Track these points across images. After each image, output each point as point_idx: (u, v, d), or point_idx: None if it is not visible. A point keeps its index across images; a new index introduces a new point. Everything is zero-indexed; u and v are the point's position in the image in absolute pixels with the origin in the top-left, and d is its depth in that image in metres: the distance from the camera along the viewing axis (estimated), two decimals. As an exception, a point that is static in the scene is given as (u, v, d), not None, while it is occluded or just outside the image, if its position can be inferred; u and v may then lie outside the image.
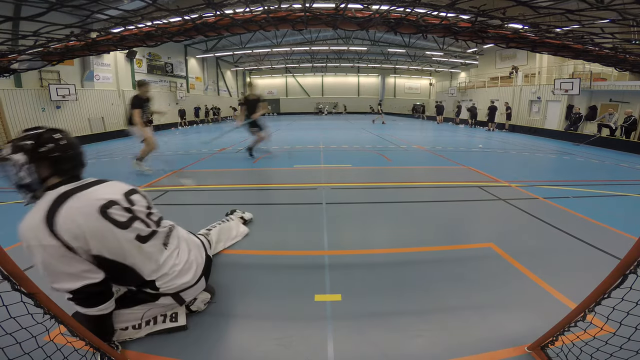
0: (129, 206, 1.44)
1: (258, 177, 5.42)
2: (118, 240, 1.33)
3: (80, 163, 1.42)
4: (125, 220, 1.38)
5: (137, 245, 1.40)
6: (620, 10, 0.88)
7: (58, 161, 1.31)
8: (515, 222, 3.20)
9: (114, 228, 1.32)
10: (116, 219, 1.34)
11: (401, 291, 2.00)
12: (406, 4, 1.02)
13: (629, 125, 9.47)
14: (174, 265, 1.57)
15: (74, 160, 1.39)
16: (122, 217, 1.38)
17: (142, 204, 1.53)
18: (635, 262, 1.02)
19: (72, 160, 1.37)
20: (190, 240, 1.83)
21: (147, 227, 1.48)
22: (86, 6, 0.94)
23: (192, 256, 1.70)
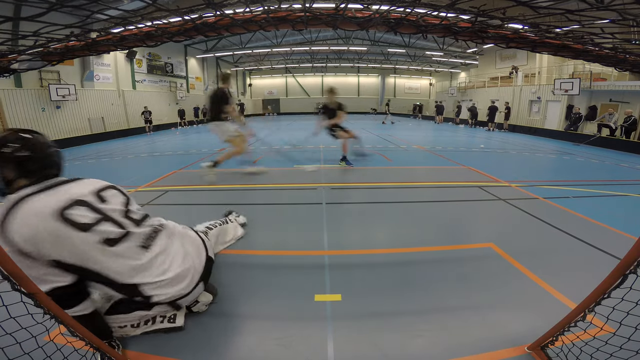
0: (99, 205, 1.36)
1: (258, 177, 5.41)
2: (75, 245, 1.23)
3: (50, 164, 1.35)
4: (87, 222, 1.28)
5: (102, 248, 1.29)
6: (620, 11, 0.88)
7: (23, 163, 1.26)
8: (516, 222, 3.20)
9: (71, 231, 1.23)
10: (76, 221, 1.25)
11: (401, 291, 2.00)
12: (406, 4, 1.02)
13: (629, 125, 9.46)
14: (164, 271, 1.45)
15: (42, 162, 1.32)
16: (85, 218, 1.28)
17: (117, 202, 1.44)
18: (635, 262, 1.02)
19: (40, 162, 1.31)
20: (187, 239, 1.71)
21: (119, 228, 1.37)
22: (86, 6, 0.94)
23: (189, 261, 1.57)
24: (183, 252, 1.58)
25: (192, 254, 1.63)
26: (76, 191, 1.34)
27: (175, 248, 1.56)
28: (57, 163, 1.40)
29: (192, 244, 1.69)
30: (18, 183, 1.27)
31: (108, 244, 1.31)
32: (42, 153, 1.33)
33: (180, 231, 1.72)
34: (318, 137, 7.13)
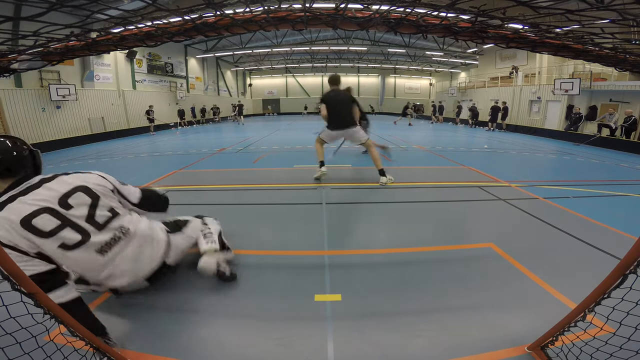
0: (62, 211, 1.43)
1: (258, 177, 5.42)
2: (41, 247, 1.38)
3: (19, 167, 1.43)
4: (49, 230, 1.39)
5: (61, 252, 1.42)
6: (620, 11, 0.88)
7: None
8: (516, 222, 3.20)
9: (36, 237, 1.36)
10: (39, 229, 1.36)
11: (401, 291, 2.00)
12: (406, 4, 1.02)
13: (629, 125, 9.46)
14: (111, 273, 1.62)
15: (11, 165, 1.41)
16: (48, 225, 1.39)
17: (83, 206, 1.50)
18: (635, 262, 1.02)
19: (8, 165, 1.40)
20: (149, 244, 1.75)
21: (77, 234, 1.46)
22: (86, 6, 0.94)
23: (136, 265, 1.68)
24: (134, 257, 1.68)
25: (144, 260, 1.73)
26: (43, 197, 1.41)
27: (129, 255, 1.67)
28: (28, 164, 1.48)
29: (151, 249, 1.77)
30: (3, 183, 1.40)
31: (66, 249, 1.43)
32: (10, 157, 1.41)
33: (145, 234, 1.75)
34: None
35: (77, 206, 1.48)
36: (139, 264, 1.71)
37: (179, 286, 2.09)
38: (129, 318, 1.78)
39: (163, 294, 2.00)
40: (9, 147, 1.43)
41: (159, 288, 2.06)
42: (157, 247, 1.80)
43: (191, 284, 2.10)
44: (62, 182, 1.50)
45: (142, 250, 1.72)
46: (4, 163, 1.39)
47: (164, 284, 2.10)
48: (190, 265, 2.35)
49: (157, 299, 1.94)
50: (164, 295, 1.98)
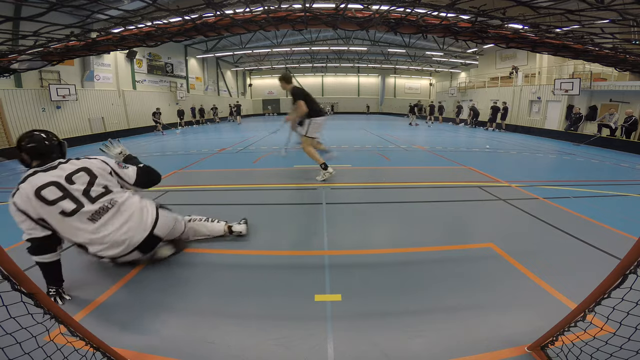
0: (65, 185, 1.84)
1: (258, 177, 5.42)
2: (46, 213, 1.78)
3: (47, 152, 1.90)
4: (53, 199, 1.79)
5: (61, 218, 1.82)
6: (620, 11, 0.88)
7: (30, 151, 1.87)
8: (515, 222, 3.20)
9: (42, 204, 1.76)
10: (46, 198, 1.77)
11: (401, 291, 2.00)
12: (406, 4, 1.02)
13: (629, 125, 9.46)
14: (104, 238, 1.91)
15: (40, 150, 1.89)
16: (51, 195, 1.79)
17: (81, 183, 1.90)
18: (635, 262, 1.02)
19: (39, 150, 1.88)
20: (137, 214, 2.04)
21: (73, 204, 1.84)
22: (86, 6, 0.94)
23: (128, 234, 1.97)
24: (126, 226, 1.97)
25: (134, 228, 2.00)
26: (54, 174, 1.84)
27: (119, 222, 1.96)
28: (53, 150, 1.93)
29: (140, 219, 2.04)
30: (32, 164, 1.88)
31: (64, 215, 1.82)
32: (41, 144, 1.89)
33: (136, 206, 2.07)
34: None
35: (78, 182, 1.88)
36: (129, 232, 1.97)
37: (179, 286, 2.09)
38: (129, 318, 1.79)
39: (163, 293, 2.01)
40: (43, 137, 1.91)
41: (159, 288, 2.06)
42: (146, 217, 2.08)
43: (191, 284, 2.11)
44: (72, 163, 1.93)
45: (131, 219, 2.01)
46: (38, 150, 1.88)
47: (163, 284, 2.10)
48: (187, 265, 2.35)
49: (157, 299, 1.94)
50: (164, 295, 1.99)
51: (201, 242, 2.69)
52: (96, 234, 1.90)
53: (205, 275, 2.22)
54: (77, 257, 2.50)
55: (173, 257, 2.33)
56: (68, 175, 1.87)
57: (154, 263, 2.28)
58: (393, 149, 8.31)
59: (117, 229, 1.94)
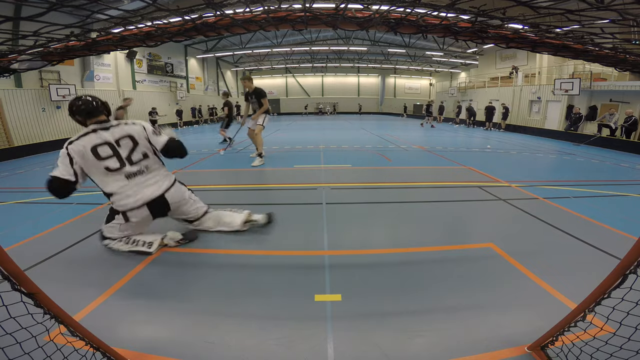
0: (115, 147, 2.27)
1: (258, 177, 5.42)
2: (94, 165, 2.21)
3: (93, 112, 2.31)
4: (104, 156, 2.23)
5: (104, 172, 2.25)
6: (620, 11, 0.88)
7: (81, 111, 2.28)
8: (515, 222, 3.20)
9: (94, 158, 2.20)
10: (99, 154, 2.21)
11: (401, 291, 2.00)
12: (406, 4, 1.02)
13: (629, 125, 9.46)
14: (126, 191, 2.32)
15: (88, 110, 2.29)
16: (104, 153, 2.23)
17: (127, 147, 2.32)
18: (635, 262, 1.02)
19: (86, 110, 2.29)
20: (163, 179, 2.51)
21: (117, 163, 2.27)
22: (86, 6, 0.94)
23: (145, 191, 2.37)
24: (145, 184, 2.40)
25: (152, 188, 2.42)
26: (108, 137, 2.27)
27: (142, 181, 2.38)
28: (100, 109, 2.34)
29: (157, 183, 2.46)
30: (87, 122, 2.31)
31: (108, 170, 2.26)
32: (88, 104, 2.29)
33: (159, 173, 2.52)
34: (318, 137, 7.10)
35: (124, 146, 2.31)
36: (145, 189, 2.39)
37: (179, 287, 2.09)
38: (129, 318, 1.79)
39: (163, 293, 2.01)
40: (89, 99, 2.31)
41: (159, 288, 2.06)
42: (162, 183, 2.50)
43: (191, 284, 2.11)
44: (121, 129, 2.33)
45: (152, 181, 2.43)
46: (86, 109, 2.28)
47: (163, 284, 2.10)
48: (188, 265, 2.35)
49: (157, 299, 1.95)
50: (164, 296, 1.99)
51: (201, 242, 2.70)
52: (124, 188, 2.32)
53: (206, 275, 2.22)
54: (77, 257, 2.50)
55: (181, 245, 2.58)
56: (117, 140, 2.28)
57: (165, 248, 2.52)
58: (393, 149, 8.31)
59: (139, 186, 2.36)
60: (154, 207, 2.42)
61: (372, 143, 9.45)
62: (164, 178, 2.52)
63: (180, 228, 2.79)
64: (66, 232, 2.95)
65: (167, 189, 2.49)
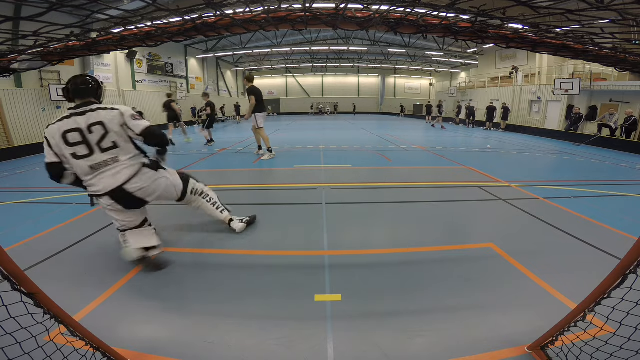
0: (85, 134, 2.12)
1: (258, 177, 5.42)
2: (65, 149, 2.12)
3: (79, 93, 2.20)
4: (72, 142, 2.11)
5: (72, 159, 2.15)
6: (620, 11, 0.88)
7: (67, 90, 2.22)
8: (515, 222, 3.20)
9: (63, 145, 2.10)
10: (68, 140, 2.10)
11: (401, 291, 2.00)
12: (406, 4, 1.02)
13: (629, 125, 9.47)
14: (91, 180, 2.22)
15: (74, 91, 2.20)
16: (73, 140, 2.10)
17: (98, 134, 2.15)
18: (635, 262, 1.02)
19: (73, 91, 2.20)
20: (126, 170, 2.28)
21: (86, 151, 2.14)
22: (86, 6, 0.94)
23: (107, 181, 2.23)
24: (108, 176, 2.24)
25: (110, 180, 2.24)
26: (81, 122, 2.11)
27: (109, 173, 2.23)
28: (88, 93, 2.23)
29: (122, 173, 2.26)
30: (75, 101, 2.20)
31: (75, 158, 2.14)
32: (75, 87, 2.20)
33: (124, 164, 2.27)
34: (318, 137, 7.12)
35: (95, 133, 2.14)
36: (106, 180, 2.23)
37: (179, 287, 2.09)
38: (129, 318, 1.79)
39: (163, 294, 2.01)
40: (82, 80, 2.24)
41: (159, 288, 2.06)
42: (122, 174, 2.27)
43: (190, 285, 2.11)
44: (97, 115, 2.17)
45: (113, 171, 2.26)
46: (73, 90, 2.20)
47: (163, 284, 2.10)
48: (187, 265, 2.35)
49: (156, 299, 1.95)
50: (164, 296, 1.99)
51: (201, 242, 2.70)
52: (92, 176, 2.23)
53: (205, 275, 2.22)
54: (77, 257, 2.51)
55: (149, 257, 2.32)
56: (89, 126, 2.16)
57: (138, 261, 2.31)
58: (393, 149, 8.31)
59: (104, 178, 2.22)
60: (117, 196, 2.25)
61: (372, 143, 9.45)
62: (127, 168, 2.29)
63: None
64: (66, 232, 2.95)
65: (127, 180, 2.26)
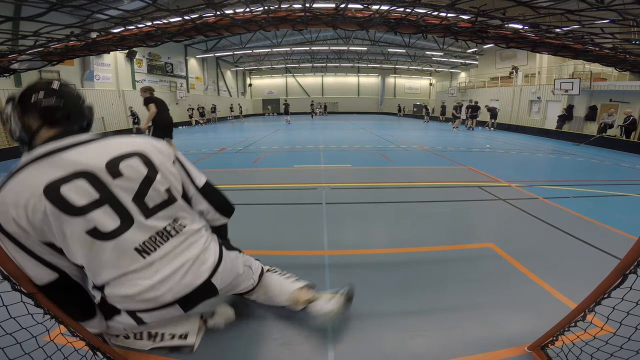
0: (106, 180, 1.05)
1: (258, 177, 5.42)
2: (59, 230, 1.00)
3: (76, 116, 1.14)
4: (82, 205, 1.00)
5: (88, 241, 1.03)
6: (620, 11, 0.88)
7: (50, 110, 1.06)
8: (515, 222, 3.20)
9: (60, 214, 0.98)
10: (69, 201, 0.99)
11: (401, 291, 2.00)
12: (406, 4, 1.02)
13: (628, 125, 9.47)
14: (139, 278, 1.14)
15: (66, 109, 1.10)
16: (82, 196, 1.01)
17: (136, 176, 1.11)
18: (635, 262, 1.02)
19: (64, 110, 1.09)
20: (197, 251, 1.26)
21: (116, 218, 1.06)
22: (86, 6, 0.94)
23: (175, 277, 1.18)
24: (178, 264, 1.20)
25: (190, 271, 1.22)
26: (91, 155, 1.07)
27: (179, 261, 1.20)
28: (84, 117, 1.20)
29: (204, 255, 1.28)
30: (41, 134, 1.06)
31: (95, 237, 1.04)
32: (75, 103, 1.15)
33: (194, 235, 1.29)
34: (318, 137, 7.13)
35: (128, 176, 1.09)
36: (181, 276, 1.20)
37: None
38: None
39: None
40: (74, 92, 1.16)
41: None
42: (207, 256, 1.29)
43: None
44: (119, 142, 1.16)
45: (188, 256, 1.23)
46: (66, 108, 1.10)
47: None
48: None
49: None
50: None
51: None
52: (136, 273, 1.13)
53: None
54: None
55: None
56: (113, 160, 1.08)
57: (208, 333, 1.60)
58: (393, 149, 8.31)
59: (165, 261, 1.18)
60: (192, 299, 1.27)
61: (372, 143, 9.45)
62: (205, 245, 1.31)
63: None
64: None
65: (215, 267, 1.30)
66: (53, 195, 0.97)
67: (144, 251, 1.13)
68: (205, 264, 1.27)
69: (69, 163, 1.02)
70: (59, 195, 0.98)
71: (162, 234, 1.17)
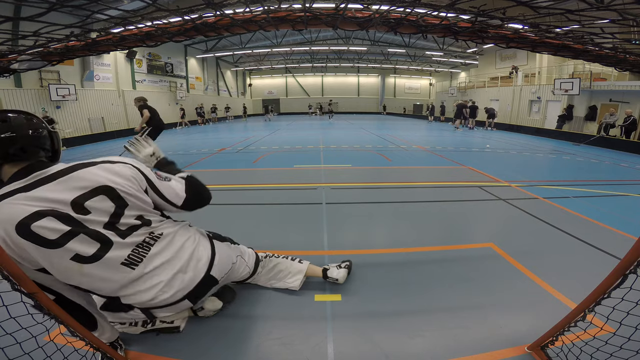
0: (75, 216, 1.10)
1: (258, 177, 5.42)
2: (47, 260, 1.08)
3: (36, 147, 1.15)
4: (56, 238, 1.07)
5: (77, 266, 1.11)
6: (620, 10, 0.88)
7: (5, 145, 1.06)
8: (515, 222, 3.20)
9: (38, 247, 1.05)
10: (42, 236, 1.05)
11: (401, 291, 2.00)
12: (406, 4, 1.02)
13: (628, 125, 9.47)
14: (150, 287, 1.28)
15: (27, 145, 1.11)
16: (54, 232, 1.06)
17: (105, 210, 1.16)
18: (635, 262, 1.02)
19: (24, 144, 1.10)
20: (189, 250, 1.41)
21: (95, 243, 1.13)
22: (86, 6, 0.94)
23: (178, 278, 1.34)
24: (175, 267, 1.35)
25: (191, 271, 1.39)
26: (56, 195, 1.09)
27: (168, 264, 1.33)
28: (45, 147, 1.20)
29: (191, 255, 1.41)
30: (5, 171, 1.09)
31: (82, 262, 1.12)
32: (26, 135, 1.11)
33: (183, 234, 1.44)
34: (318, 137, 7.12)
35: (96, 212, 1.15)
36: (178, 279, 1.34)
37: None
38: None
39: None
40: (25, 123, 1.13)
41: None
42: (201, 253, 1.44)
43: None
44: (82, 178, 1.14)
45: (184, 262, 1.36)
46: (18, 142, 1.09)
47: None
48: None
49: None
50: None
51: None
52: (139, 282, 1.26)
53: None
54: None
55: None
56: (77, 200, 1.12)
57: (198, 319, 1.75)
58: (393, 149, 8.31)
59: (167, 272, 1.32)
60: (198, 292, 1.43)
61: (372, 143, 9.45)
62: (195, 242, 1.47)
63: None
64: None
65: (211, 261, 1.47)
66: (26, 232, 1.03)
67: (132, 263, 1.24)
68: (200, 260, 1.44)
69: (35, 201, 1.06)
70: (32, 232, 1.04)
71: (142, 246, 1.27)
